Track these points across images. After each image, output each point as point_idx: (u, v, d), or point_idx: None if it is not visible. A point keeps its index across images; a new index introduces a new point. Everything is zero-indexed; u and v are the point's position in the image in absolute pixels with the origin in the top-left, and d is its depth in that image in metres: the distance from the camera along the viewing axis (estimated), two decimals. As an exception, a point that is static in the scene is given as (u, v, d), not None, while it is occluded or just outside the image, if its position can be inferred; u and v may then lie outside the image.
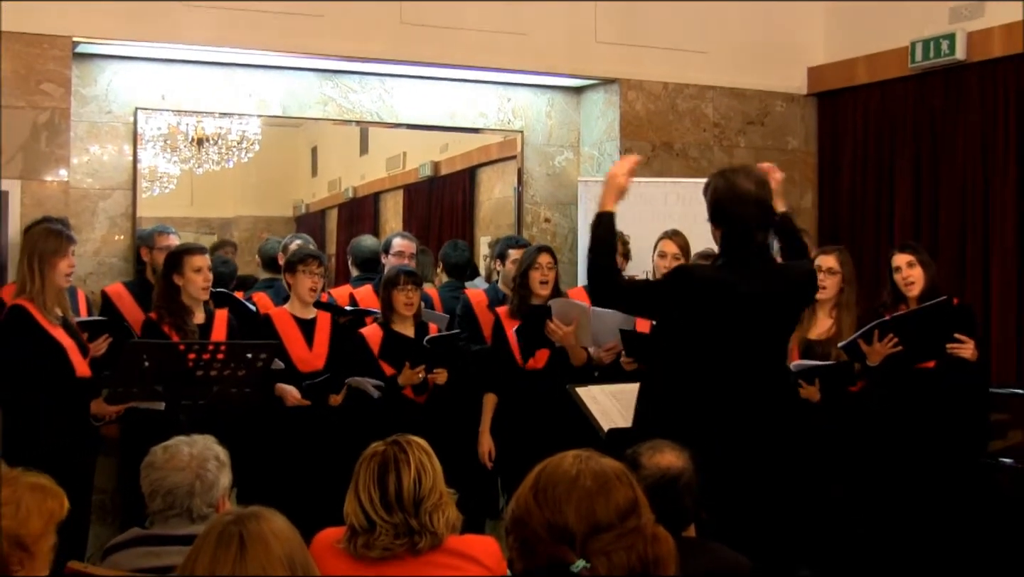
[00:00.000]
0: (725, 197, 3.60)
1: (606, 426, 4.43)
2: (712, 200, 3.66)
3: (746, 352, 3.61)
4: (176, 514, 2.92)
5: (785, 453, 3.72)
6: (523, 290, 5.39)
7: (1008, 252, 6.08)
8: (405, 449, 2.84)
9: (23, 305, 4.64)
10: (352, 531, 2.80)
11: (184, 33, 5.95)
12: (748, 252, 3.62)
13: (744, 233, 3.60)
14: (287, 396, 5.12)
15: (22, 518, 2.10)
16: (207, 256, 5.11)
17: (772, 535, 3.66)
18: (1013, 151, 6.09)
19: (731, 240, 3.63)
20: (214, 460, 3.00)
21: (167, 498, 2.92)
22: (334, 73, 6.64)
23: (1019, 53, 6.03)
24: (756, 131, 7.25)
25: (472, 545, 2.86)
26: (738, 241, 3.61)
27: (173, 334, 4.90)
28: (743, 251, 3.62)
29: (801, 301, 3.85)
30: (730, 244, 3.64)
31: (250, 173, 6.82)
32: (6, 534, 2.08)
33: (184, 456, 2.96)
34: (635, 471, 2.13)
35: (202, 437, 3.07)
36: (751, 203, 3.58)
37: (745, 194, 3.58)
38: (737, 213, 3.58)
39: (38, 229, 4.87)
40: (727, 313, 3.56)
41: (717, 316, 3.56)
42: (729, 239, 3.64)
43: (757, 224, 3.61)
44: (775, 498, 3.69)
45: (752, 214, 3.58)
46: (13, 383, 4.71)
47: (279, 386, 5.12)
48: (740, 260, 3.61)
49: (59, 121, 5.69)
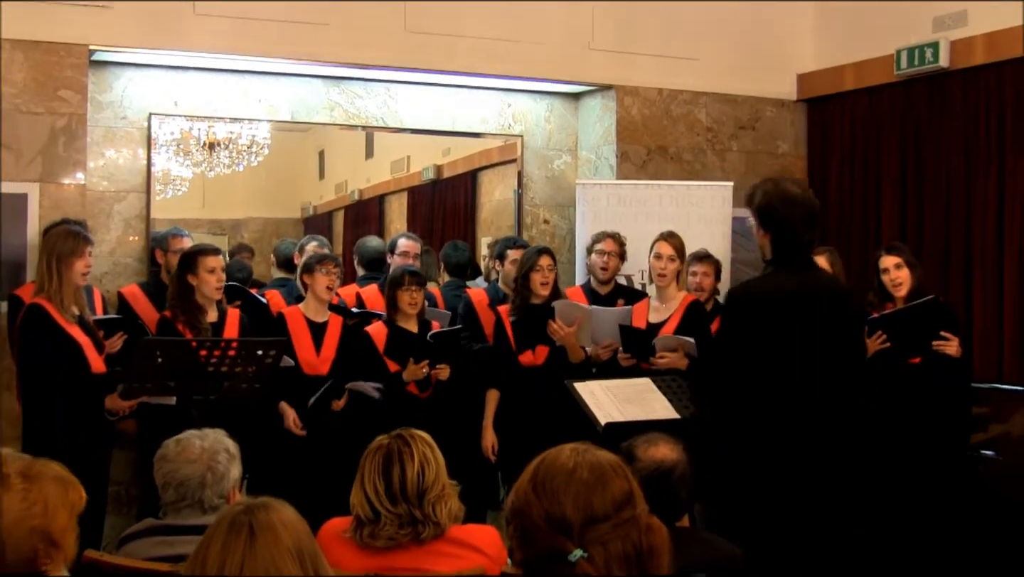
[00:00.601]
0: (776, 201, 3.65)
1: (603, 420, 4.43)
2: (762, 203, 3.68)
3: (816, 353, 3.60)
4: (188, 505, 2.93)
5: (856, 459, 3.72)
6: (524, 291, 5.39)
7: (989, 253, 6.08)
8: (409, 442, 2.84)
9: (41, 304, 4.65)
10: (358, 521, 2.81)
11: (196, 41, 5.95)
12: (796, 253, 3.67)
13: (793, 235, 3.65)
14: (286, 418, 5.14)
15: (51, 514, 2.10)
16: (220, 257, 5.11)
17: None
18: (995, 155, 6.10)
19: (780, 242, 3.67)
20: (224, 452, 3.00)
21: (179, 489, 2.92)
22: (340, 80, 6.64)
23: (1000, 61, 6.04)
24: (748, 136, 7.25)
25: (474, 535, 2.87)
26: (787, 243, 3.66)
27: (187, 332, 4.89)
28: (792, 252, 3.66)
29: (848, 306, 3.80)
30: (779, 246, 3.67)
31: (260, 176, 6.81)
32: (37, 531, 2.08)
33: (196, 449, 2.96)
34: (630, 464, 2.13)
35: (213, 431, 3.08)
36: (799, 205, 3.65)
37: (794, 197, 3.65)
38: (786, 215, 3.63)
39: (56, 230, 4.87)
40: (789, 316, 3.59)
41: (782, 322, 3.58)
42: (778, 241, 3.68)
43: (805, 225, 3.66)
44: None
45: (800, 216, 3.64)
46: (32, 379, 4.72)
47: (282, 405, 5.14)
48: (789, 262, 3.66)
49: (76, 126, 5.69)
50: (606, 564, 1.80)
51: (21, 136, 5.55)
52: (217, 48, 6.02)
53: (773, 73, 7.25)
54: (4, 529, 2.04)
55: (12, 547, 2.05)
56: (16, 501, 2.07)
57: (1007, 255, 6.00)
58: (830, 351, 3.64)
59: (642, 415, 4.41)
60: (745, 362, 3.60)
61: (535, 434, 4.71)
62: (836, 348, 3.67)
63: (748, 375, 3.59)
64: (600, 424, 4.41)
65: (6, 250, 5.52)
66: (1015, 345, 5.91)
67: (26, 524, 2.06)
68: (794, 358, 3.56)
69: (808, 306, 3.61)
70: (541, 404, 5.19)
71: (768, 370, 3.57)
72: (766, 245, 3.70)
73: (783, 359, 3.56)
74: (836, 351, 3.67)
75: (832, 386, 3.60)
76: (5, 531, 2.04)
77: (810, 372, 3.57)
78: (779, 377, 3.56)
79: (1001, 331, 6.00)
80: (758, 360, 3.58)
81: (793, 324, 3.57)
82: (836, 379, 3.62)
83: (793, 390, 3.55)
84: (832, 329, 3.66)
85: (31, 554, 2.08)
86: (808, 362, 3.57)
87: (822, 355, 3.61)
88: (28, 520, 2.07)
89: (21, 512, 2.06)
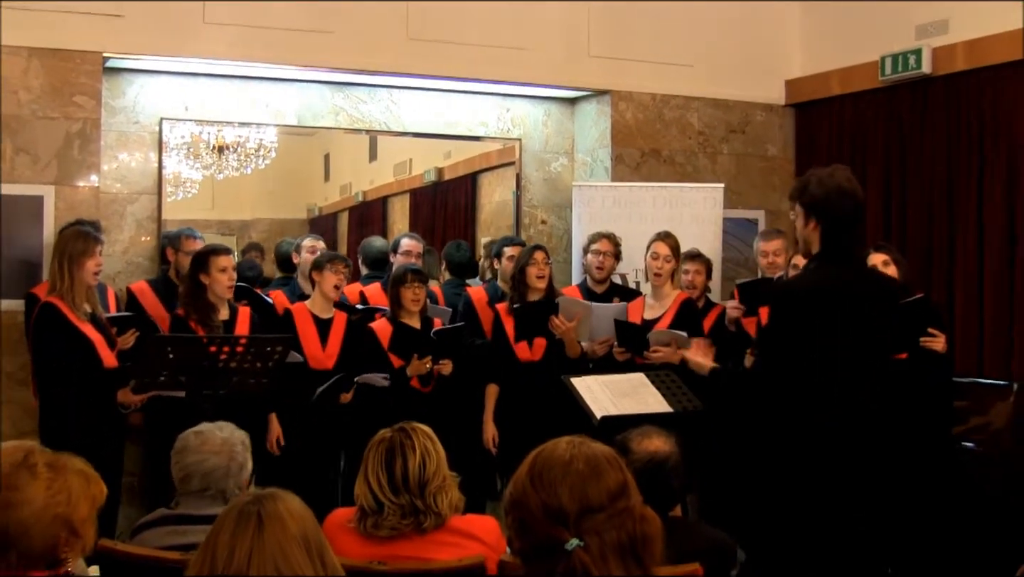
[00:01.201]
0: (828, 192, 3.46)
1: (599, 414, 4.43)
2: (814, 196, 3.48)
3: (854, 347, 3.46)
4: (211, 495, 2.93)
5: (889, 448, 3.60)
6: (521, 286, 5.40)
7: (970, 251, 6.08)
8: (411, 435, 2.84)
9: (54, 302, 4.65)
10: (362, 512, 2.81)
11: (206, 49, 5.94)
12: (845, 245, 3.49)
13: (843, 226, 3.47)
14: (271, 432, 5.14)
15: (74, 503, 2.13)
16: (232, 257, 5.12)
17: None
18: (976, 157, 6.10)
19: (830, 234, 3.47)
20: (240, 444, 3.02)
21: (204, 480, 2.92)
22: (345, 85, 6.64)
23: (980, 67, 6.04)
24: (738, 139, 7.25)
25: (474, 524, 2.87)
26: (836, 235, 3.47)
27: (199, 329, 4.89)
28: (840, 245, 3.48)
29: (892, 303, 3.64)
30: (828, 238, 3.48)
31: (267, 178, 6.81)
32: (60, 519, 2.10)
33: (217, 440, 2.97)
34: (625, 455, 2.13)
35: (226, 424, 3.08)
36: (850, 197, 3.48)
37: (847, 190, 3.48)
38: (837, 206, 3.45)
39: (68, 232, 4.88)
40: (833, 310, 3.44)
41: (829, 318, 3.43)
42: (828, 233, 3.47)
43: (854, 217, 3.51)
44: None
45: (850, 207, 3.47)
46: (47, 375, 4.72)
47: (271, 418, 5.14)
48: (837, 254, 3.48)
49: (90, 131, 5.68)
50: (601, 553, 1.80)
51: (37, 140, 5.55)
52: (226, 55, 6.01)
53: (762, 79, 7.25)
54: (31, 515, 2.07)
55: (37, 532, 2.07)
56: (43, 489, 2.10)
57: (987, 254, 6.00)
58: (871, 348, 3.50)
59: (636, 409, 4.40)
60: (790, 357, 3.44)
61: (533, 427, 4.71)
62: (877, 346, 3.54)
63: (791, 370, 3.44)
64: (596, 418, 4.41)
65: (23, 250, 5.52)
66: (995, 341, 5.91)
67: (51, 511, 2.09)
68: (836, 354, 3.41)
69: (854, 302, 3.44)
70: (539, 398, 5.19)
71: (810, 366, 3.41)
72: (814, 238, 3.50)
73: (825, 355, 3.41)
74: (877, 349, 3.54)
75: (866, 384, 3.47)
76: (32, 516, 2.07)
77: (849, 369, 3.43)
78: (819, 373, 3.41)
79: (982, 327, 6.00)
80: (802, 355, 3.42)
81: (837, 319, 3.41)
82: (872, 377, 3.49)
83: (832, 387, 3.41)
84: (875, 326, 3.51)
85: (53, 541, 2.10)
86: (848, 359, 3.43)
87: (863, 352, 3.47)
88: (53, 507, 2.09)
89: (47, 499, 2.09)
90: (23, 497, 2.08)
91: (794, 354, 3.43)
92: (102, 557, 2.67)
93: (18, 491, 2.08)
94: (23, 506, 2.07)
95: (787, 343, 3.45)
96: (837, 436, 3.37)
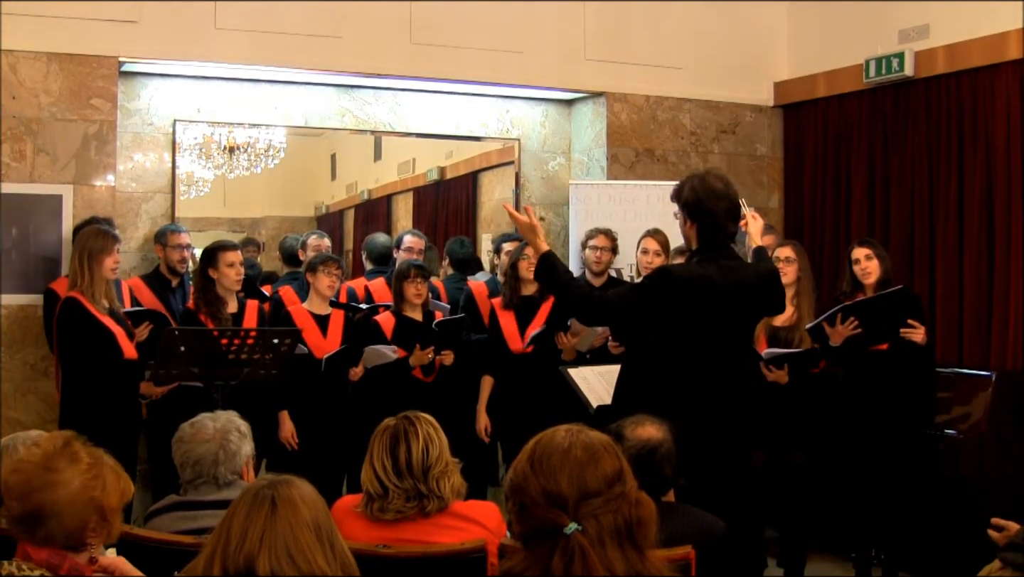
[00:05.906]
0: (701, 194, 3.62)
1: (595, 403, 4.44)
2: (689, 198, 3.66)
3: (719, 337, 3.60)
4: (204, 481, 2.95)
5: (748, 426, 3.73)
6: (514, 280, 5.40)
7: (950, 246, 6.08)
8: (414, 423, 2.85)
9: (76, 297, 4.66)
10: (368, 497, 2.82)
11: (217, 53, 5.94)
12: (721, 243, 3.64)
13: (717, 225, 3.62)
14: (283, 429, 5.12)
15: (107, 492, 2.16)
16: (239, 252, 5.11)
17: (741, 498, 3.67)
18: (955, 156, 6.10)
19: (705, 233, 3.64)
20: (236, 432, 3.02)
21: (196, 468, 2.95)
22: (351, 88, 6.63)
23: (959, 71, 6.04)
24: (728, 139, 7.24)
25: (475, 509, 2.88)
26: (712, 233, 3.63)
27: (209, 322, 4.90)
28: (716, 242, 3.63)
29: (767, 294, 3.77)
30: (704, 236, 3.64)
31: (276, 178, 6.81)
32: (94, 504, 2.13)
33: (209, 430, 2.98)
34: (619, 443, 2.13)
35: (224, 412, 3.10)
36: (722, 198, 3.62)
37: (718, 191, 3.62)
38: (711, 208, 3.60)
39: (87, 230, 4.87)
40: (706, 304, 3.55)
41: (697, 307, 3.54)
42: (703, 232, 3.64)
43: (727, 217, 3.64)
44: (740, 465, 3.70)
45: (724, 208, 3.62)
46: (72, 367, 4.72)
47: (282, 415, 5.12)
48: (713, 251, 3.62)
49: (107, 132, 5.68)
50: (599, 535, 1.81)
51: (56, 141, 5.55)
52: (237, 59, 6.01)
53: (751, 81, 7.25)
54: (67, 495, 2.10)
55: (69, 514, 2.10)
56: (80, 473, 2.13)
57: (967, 249, 6.00)
58: (740, 336, 3.71)
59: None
60: (659, 335, 3.57)
61: (532, 417, 4.72)
62: (745, 333, 3.78)
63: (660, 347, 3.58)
64: (592, 407, 4.42)
65: (43, 247, 5.53)
66: (974, 332, 5.92)
67: (86, 494, 2.12)
68: (706, 340, 3.55)
69: (727, 294, 3.57)
70: (538, 389, 5.18)
71: (679, 347, 3.55)
72: (692, 236, 3.68)
73: (696, 339, 3.55)
74: (745, 336, 3.77)
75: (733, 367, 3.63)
76: (67, 497, 2.10)
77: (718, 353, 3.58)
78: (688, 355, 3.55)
79: (961, 320, 6.00)
80: (672, 336, 3.55)
81: (711, 310, 3.54)
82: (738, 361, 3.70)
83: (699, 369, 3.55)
84: (745, 315, 3.70)
85: (83, 524, 2.12)
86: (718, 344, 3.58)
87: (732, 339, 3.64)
88: (88, 491, 2.12)
89: (84, 483, 2.12)
90: (61, 479, 2.11)
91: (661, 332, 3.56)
92: (121, 542, 2.67)
93: (58, 473, 2.11)
94: (60, 487, 2.10)
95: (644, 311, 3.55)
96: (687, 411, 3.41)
